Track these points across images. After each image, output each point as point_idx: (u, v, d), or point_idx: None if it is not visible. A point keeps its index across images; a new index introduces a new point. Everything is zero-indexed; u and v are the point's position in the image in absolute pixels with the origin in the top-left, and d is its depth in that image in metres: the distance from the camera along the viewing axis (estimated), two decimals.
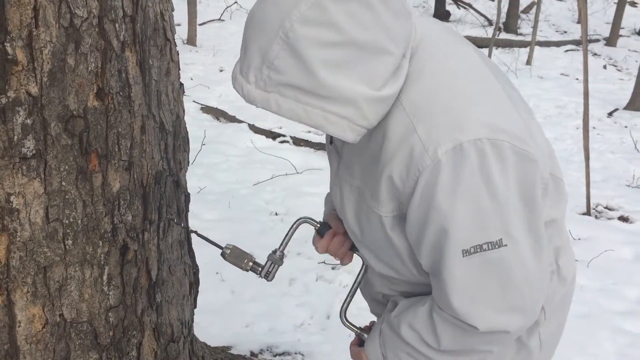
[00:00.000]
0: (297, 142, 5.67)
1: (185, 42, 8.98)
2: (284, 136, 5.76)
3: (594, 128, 6.67)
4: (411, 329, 1.17)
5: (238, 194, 4.40)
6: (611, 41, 11.61)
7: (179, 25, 8.83)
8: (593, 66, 9.17)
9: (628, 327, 3.05)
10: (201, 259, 1.97)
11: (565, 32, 12.87)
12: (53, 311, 1.35)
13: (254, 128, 5.91)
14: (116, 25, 1.34)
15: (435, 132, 1.00)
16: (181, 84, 1.76)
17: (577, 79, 9.09)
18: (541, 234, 1.06)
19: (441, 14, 12.70)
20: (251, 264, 1.42)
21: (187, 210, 1.80)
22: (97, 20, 1.29)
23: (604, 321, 3.08)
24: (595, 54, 10.92)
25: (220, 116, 6.27)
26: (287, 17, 0.94)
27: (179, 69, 1.74)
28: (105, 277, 1.42)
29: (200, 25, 9.89)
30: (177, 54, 1.71)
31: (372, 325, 1.40)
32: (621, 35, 12.05)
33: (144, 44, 1.47)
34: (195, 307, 1.93)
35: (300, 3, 0.93)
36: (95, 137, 1.33)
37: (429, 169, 1.00)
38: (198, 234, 1.53)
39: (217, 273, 3.15)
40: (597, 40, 11.80)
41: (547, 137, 1.20)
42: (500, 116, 1.04)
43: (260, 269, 1.42)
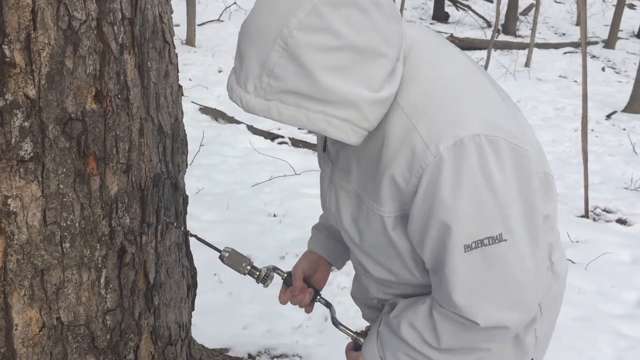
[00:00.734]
0: (295, 143, 5.68)
1: (184, 42, 8.99)
2: (282, 137, 5.77)
3: (592, 130, 6.68)
4: (412, 327, 1.17)
5: (236, 195, 4.39)
6: (610, 43, 11.64)
7: (178, 25, 8.85)
8: (591, 68, 9.19)
9: (626, 331, 3.04)
10: (199, 260, 1.96)
11: (564, 34, 12.91)
12: (50, 314, 1.34)
13: (252, 129, 5.91)
14: (115, 28, 1.33)
15: (435, 129, 1.02)
16: (180, 86, 1.75)
17: (575, 81, 9.11)
18: (539, 230, 1.07)
19: (440, 16, 12.71)
20: (249, 267, 1.44)
21: (185, 212, 1.80)
22: (96, 22, 1.29)
23: (602, 324, 3.07)
24: (594, 57, 10.94)
25: (218, 117, 6.27)
26: (285, 25, 0.95)
27: (178, 72, 1.73)
28: (102, 280, 1.42)
29: (199, 25, 9.90)
30: (176, 56, 1.70)
31: (368, 329, 1.40)
32: (620, 38, 12.09)
33: (142, 46, 1.47)
34: (193, 309, 1.92)
35: (297, 11, 0.94)
36: (93, 140, 1.33)
37: (432, 165, 1.01)
38: (196, 237, 1.53)
39: (214, 275, 3.15)
40: (595, 43, 11.83)
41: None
42: (493, 113, 1.06)
43: (258, 273, 1.44)
